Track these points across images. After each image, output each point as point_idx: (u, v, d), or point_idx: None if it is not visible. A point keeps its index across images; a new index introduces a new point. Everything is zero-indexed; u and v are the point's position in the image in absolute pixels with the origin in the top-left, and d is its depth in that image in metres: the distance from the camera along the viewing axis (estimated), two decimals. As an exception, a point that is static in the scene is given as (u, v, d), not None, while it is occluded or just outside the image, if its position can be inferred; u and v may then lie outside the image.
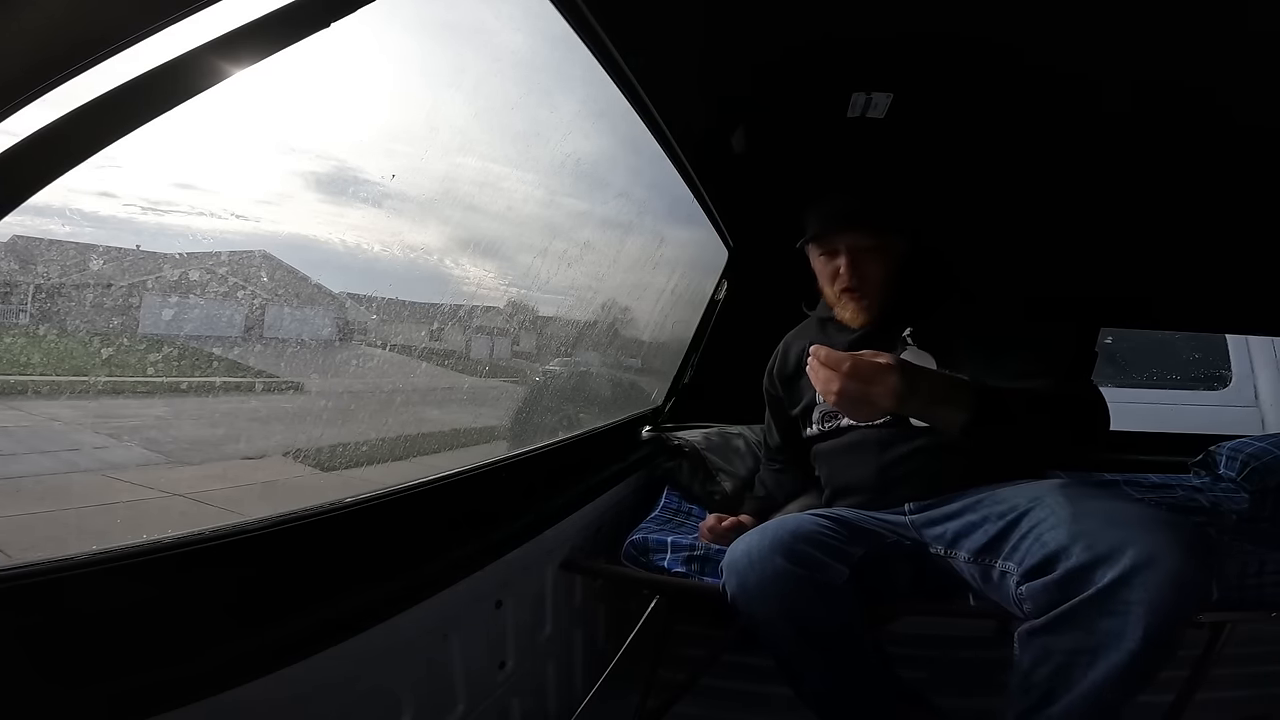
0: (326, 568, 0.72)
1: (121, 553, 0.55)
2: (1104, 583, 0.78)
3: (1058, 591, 0.83)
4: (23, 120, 0.43)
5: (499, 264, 1.34)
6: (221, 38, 0.50)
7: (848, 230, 1.22)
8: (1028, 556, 0.88)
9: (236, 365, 0.91)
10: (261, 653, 0.61)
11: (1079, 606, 0.80)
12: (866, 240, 1.22)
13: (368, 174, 0.97)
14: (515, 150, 1.18)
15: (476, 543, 0.93)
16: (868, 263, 1.22)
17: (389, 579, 0.77)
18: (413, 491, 0.88)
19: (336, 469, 1.01)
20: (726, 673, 1.34)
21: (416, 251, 1.09)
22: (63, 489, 0.86)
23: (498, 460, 1.14)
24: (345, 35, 0.60)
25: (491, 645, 1.02)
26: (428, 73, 1.00)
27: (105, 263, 0.75)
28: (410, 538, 0.85)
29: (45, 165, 0.45)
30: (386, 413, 1.14)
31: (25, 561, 0.50)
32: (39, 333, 0.69)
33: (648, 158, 1.39)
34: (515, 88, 1.07)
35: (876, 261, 1.22)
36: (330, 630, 0.68)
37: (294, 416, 1.04)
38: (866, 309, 1.24)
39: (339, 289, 1.11)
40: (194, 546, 0.60)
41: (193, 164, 0.72)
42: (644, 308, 1.97)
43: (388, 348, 1.16)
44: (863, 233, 1.22)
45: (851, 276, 1.22)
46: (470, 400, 1.49)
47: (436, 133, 1.00)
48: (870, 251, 1.22)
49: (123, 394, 0.82)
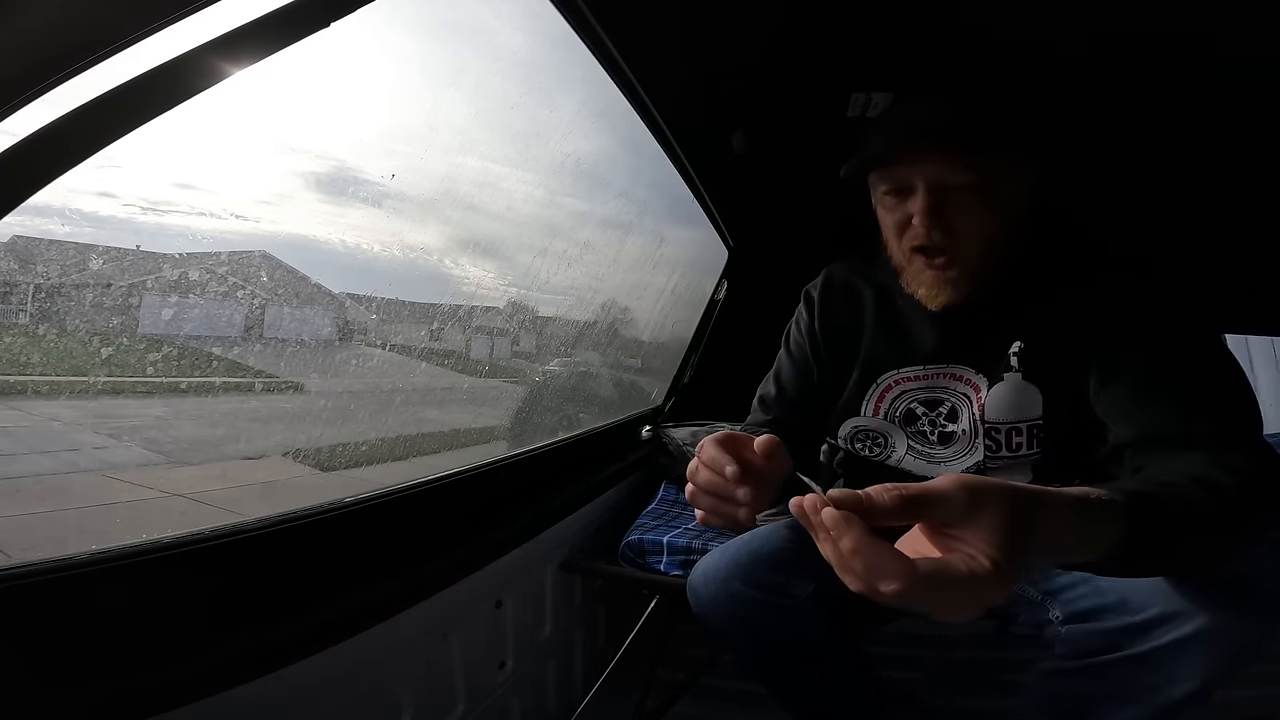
0: (326, 568, 0.72)
1: (121, 553, 0.55)
2: (1160, 643, 0.67)
3: (1104, 641, 0.71)
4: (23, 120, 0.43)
5: (499, 264, 1.34)
6: (221, 38, 0.50)
7: (931, 152, 0.76)
8: (1079, 600, 0.75)
9: (236, 365, 0.91)
10: (261, 652, 0.61)
11: (1123, 661, 0.70)
12: (961, 171, 0.75)
13: (367, 174, 0.97)
14: (515, 150, 1.19)
15: (476, 543, 0.93)
16: (960, 209, 0.76)
17: (389, 579, 0.77)
18: (413, 491, 0.88)
19: (336, 469, 1.01)
20: (726, 673, 1.34)
21: (416, 251, 1.09)
22: (62, 489, 0.86)
23: (498, 460, 1.14)
24: (345, 35, 0.60)
25: (491, 645, 1.02)
26: (428, 73, 1.00)
27: (105, 263, 0.75)
28: (410, 538, 0.85)
29: (45, 165, 0.45)
30: (386, 413, 1.14)
31: (25, 561, 0.50)
32: (39, 332, 0.69)
33: (648, 158, 1.39)
34: (515, 88, 1.08)
35: (975, 208, 0.76)
36: (330, 630, 0.68)
37: (294, 416, 1.04)
38: (953, 283, 0.79)
39: (339, 289, 1.11)
40: (194, 546, 0.60)
41: (193, 164, 0.73)
42: (644, 308, 1.97)
43: (387, 348, 1.16)
44: (957, 158, 0.75)
45: (931, 228, 0.76)
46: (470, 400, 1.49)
47: (436, 133, 1.00)
48: (966, 192, 0.76)
49: (122, 394, 0.83)
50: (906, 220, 0.79)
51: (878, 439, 0.92)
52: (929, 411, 0.88)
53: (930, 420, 0.88)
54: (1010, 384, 0.82)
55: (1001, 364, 0.82)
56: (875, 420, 0.91)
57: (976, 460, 0.85)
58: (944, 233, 0.77)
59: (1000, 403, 0.82)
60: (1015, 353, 0.82)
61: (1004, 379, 0.82)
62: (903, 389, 0.89)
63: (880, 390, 0.90)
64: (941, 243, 0.77)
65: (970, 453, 0.86)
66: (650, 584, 1.24)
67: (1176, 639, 0.65)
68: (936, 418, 0.88)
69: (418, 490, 0.89)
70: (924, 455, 0.90)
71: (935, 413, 0.88)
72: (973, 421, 0.85)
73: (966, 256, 0.78)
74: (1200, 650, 0.65)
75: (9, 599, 0.48)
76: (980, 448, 0.84)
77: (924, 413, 0.89)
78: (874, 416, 0.91)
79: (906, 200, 0.78)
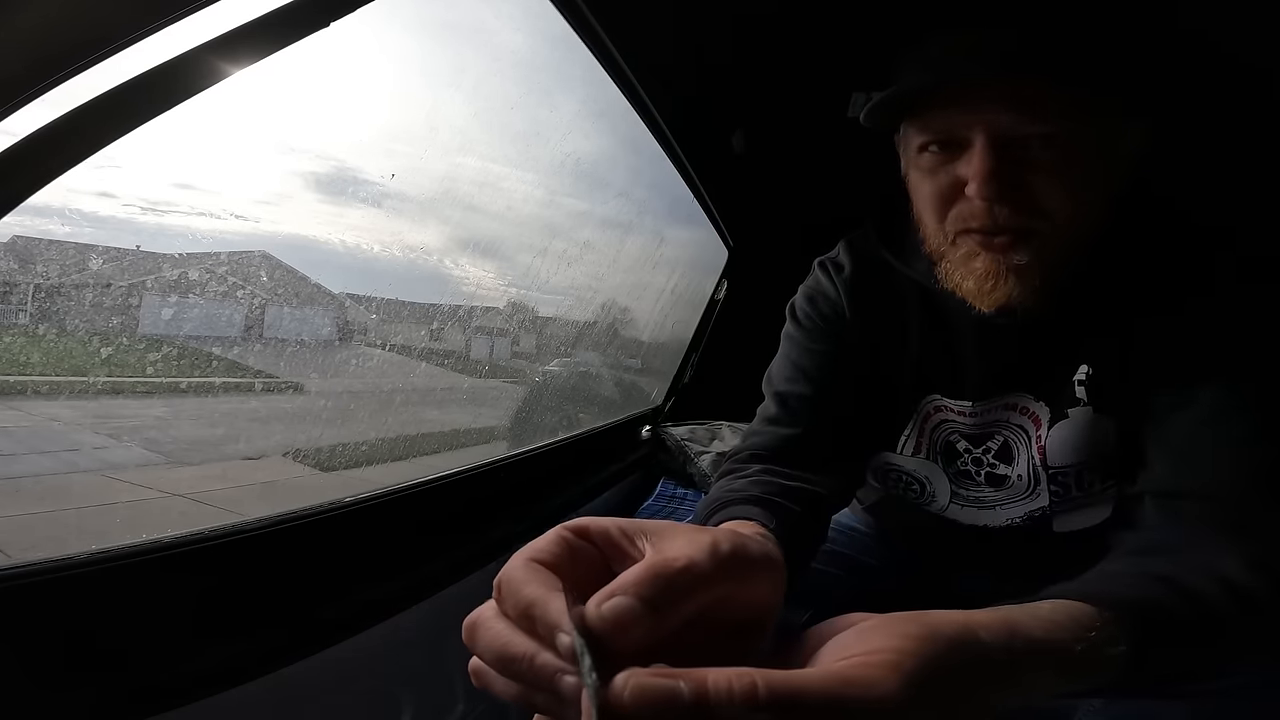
0: (326, 568, 0.72)
1: (121, 553, 0.55)
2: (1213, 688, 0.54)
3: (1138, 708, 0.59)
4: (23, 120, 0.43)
5: (498, 264, 1.34)
6: (221, 37, 0.50)
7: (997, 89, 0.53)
8: None
9: (236, 365, 0.91)
10: (261, 652, 0.61)
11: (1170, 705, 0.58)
12: (1039, 117, 0.52)
13: (367, 174, 0.97)
14: (515, 150, 1.19)
15: (476, 543, 0.93)
16: (1035, 171, 0.53)
17: (389, 579, 0.77)
18: (413, 491, 0.88)
19: (336, 469, 1.01)
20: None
21: (416, 251, 1.09)
22: (62, 489, 0.86)
23: (498, 460, 1.14)
24: (345, 35, 0.60)
25: (491, 645, 1.01)
26: (428, 73, 1.00)
27: (105, 262, 0.75)
28: (410, 538, 0.85)
29: (45, 165, 0.45)
30: (386, 413, 1.14)
31: (25, 561, 0.50)
32: (39, 332, 0.69)
33: (648, 158, 1.39)
34: (515, 88, 1.08)
35: (1055, 172, 0.53)
36: (330, 630, 0.68)
37: (294, 416, 1.04)
38: (1018, 273, 0.56)
39: (339, 289, 1.11)
40: (193, 546, 0.60)
41: (192, 164, 0.73)
42: (644, 308, 1.97)
43: (387, 348, 1.16)
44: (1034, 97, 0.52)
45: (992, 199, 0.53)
46: (470, 400, 1.49)
47: (436, 132, 1.00)
48: (1045, 148, 0.53)
49: (122, 394, 0.83)
50: (956, 187, 0.56)
51: (912, 483, 0.73)
52: (973, 448, 0.69)
53: (975, 459, 0.69)
54: (1078, 420, 0.62)
55: (1068, 391, 0.63)
56: (914, 460, 0.71)
57: (1041, 505, 0.67)
58: (1012, 205, 0.53)
59: (1065, 443, 0.63)
60: (1081, 380, 0.62)
61: (1069, 415, 0.63)
62: (943, 418, 0.69)
63: (919, 420, 0.70)
64: (1009, 219, 0.54)
65: (1031, 497, 0.68)
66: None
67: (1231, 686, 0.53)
68: (984, 454, 0.68)
69: (418, 490, 0.89)
70: (972, 502, 0.71)
71: (982, 449, 0.68)
72: (1031, 466, 0.66)
73: (1041, 239, 0.54)
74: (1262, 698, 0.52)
75: (9, 599, 0.48)
76: (1045, 493, 0.66)
77: (967, 449, 0.69)
78: (913, 456, 0.71)
79: (956, 160, 0.55)
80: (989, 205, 0.54)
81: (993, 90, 0.53)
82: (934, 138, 0.57)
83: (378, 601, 0.74)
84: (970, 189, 0.54)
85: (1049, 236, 0.55)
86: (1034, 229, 0.55)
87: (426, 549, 0.85)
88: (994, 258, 0.56)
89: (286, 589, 0.67)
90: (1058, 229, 0.55)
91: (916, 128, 0.59)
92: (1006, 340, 0.63)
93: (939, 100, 0.56)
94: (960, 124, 0.55)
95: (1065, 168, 0.53)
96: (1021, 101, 0.52)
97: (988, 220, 0.55)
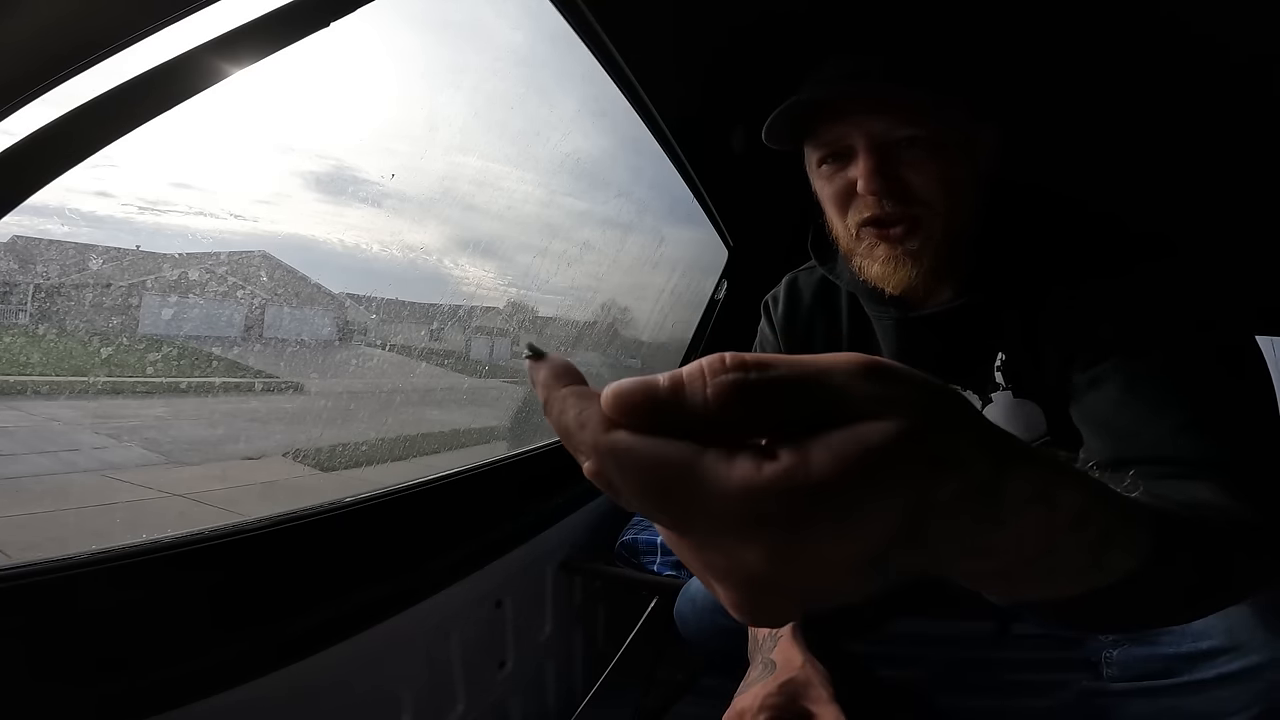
0: (326, 568, 0.72)
1: (121, 553, 0.55)
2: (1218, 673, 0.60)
3: (1160, 665, 0.65)
4: (23, 120, 0.43)
5: (498, 264, 1.34)
6: (221, 37, 0.50)
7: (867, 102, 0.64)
8: None
9: (236, 365, 0.91)
10: (261, 652, 0.61)
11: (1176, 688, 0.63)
12: (905, 121, 0.63)
13: (367, 174, 0.97)
14: (515, 150, 1.19)
15: (476, 543, 0.93)
16: (910, 166, 0.64)
17: (389, 579, 0.77)
18: (413, 491, 0.88)
19: (336, 469, 1.01)
20: (726, 672, 1.34)
21: (416, 251, 1.09)
22: (63, 489, 0.86)
23: (498, 460, 1.14)
24: (344, 35, 0.60)
25: (491, 645, 1.02)
26: (427, 72, 1.00)
27: (105, 263, 0.75)
28: (410, 538, 0.85)
29: (45, 165, 0.45)
30: (386, 413, 1.14)
31: (25, 561, 0.50)
32: (39, 332, 0.69)
33: (648, 157, 1.39)
34: (515, 87, 1.08)
35: (927, 165, 0.64)
36: (330, 630, 0.68)
37: (294, 416, 1.04)
38: (913, 256, 0.65)
39: (339, 289, 1.11)
40: (193, 546, 0.60)
41: (192, 164, 0.73)
42: (644, 308, 1.97)
43: (387, 348, 1.16)
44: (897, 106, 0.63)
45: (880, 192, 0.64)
46: (470, 400, 1.49)
47: (436, 132, 1.00)
48: (914, 146, 0.64)
49: (122, 394, 0.83)
50: (850, 188, 0.66)
51: None
52: None
53: None
54: (1001, 404, 0.67)
55: (990, 378, 0.68)
56: None
57: None
58: (896, 197, 0.64)
59: None
60: (999, 366, 0.67)
61: (993, 399, 0.68)
62: None
63: None
64: (895, 209, 0.64)
65: None
66: (648, 585, 1.24)
67: (1234, 670, 0.59)
68: None
69: (418, 490, 0.89)
70: None
71: None
72: None
73: (925, 223, 0.64)
74: (1257, 684, 0.58)
75: (9, 599, 0.48)
76: None
77: None
78: None
79: (847, 167, 0.66)
80: (878, 199, 0.64)
81: (867, 103, 0.64)
82: (828, 150, 0.68)
83: (378, 601, 0.74)
84: (860, 186, 0.64)
85: (932, 223, 0.65)
86: (918, 216, 0.64)
87: (426, 549, 0.85)
88: (890, 247, 0.66)
89: (287, 589, 0.67)
90: (938, 215, 0.64)
91: (812, 144, 0.70)
92: (927, 335, 0.71)
93: (826, 115, 0.67)
94: (845, 135, 0.66)
95: (933, 163, 0.64)
96: (888, 110, 0.63)
97: (879, 211, 0.65)
